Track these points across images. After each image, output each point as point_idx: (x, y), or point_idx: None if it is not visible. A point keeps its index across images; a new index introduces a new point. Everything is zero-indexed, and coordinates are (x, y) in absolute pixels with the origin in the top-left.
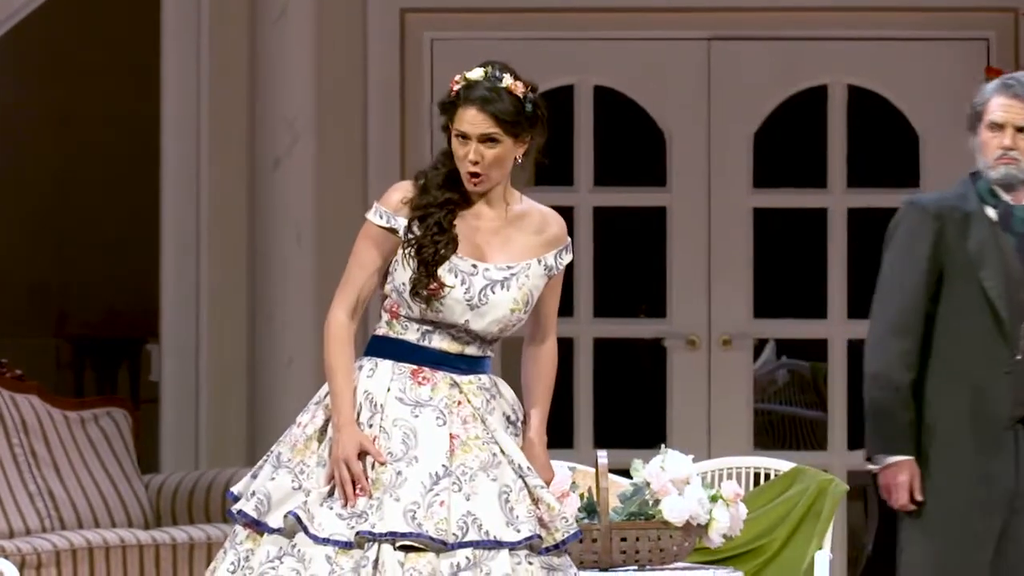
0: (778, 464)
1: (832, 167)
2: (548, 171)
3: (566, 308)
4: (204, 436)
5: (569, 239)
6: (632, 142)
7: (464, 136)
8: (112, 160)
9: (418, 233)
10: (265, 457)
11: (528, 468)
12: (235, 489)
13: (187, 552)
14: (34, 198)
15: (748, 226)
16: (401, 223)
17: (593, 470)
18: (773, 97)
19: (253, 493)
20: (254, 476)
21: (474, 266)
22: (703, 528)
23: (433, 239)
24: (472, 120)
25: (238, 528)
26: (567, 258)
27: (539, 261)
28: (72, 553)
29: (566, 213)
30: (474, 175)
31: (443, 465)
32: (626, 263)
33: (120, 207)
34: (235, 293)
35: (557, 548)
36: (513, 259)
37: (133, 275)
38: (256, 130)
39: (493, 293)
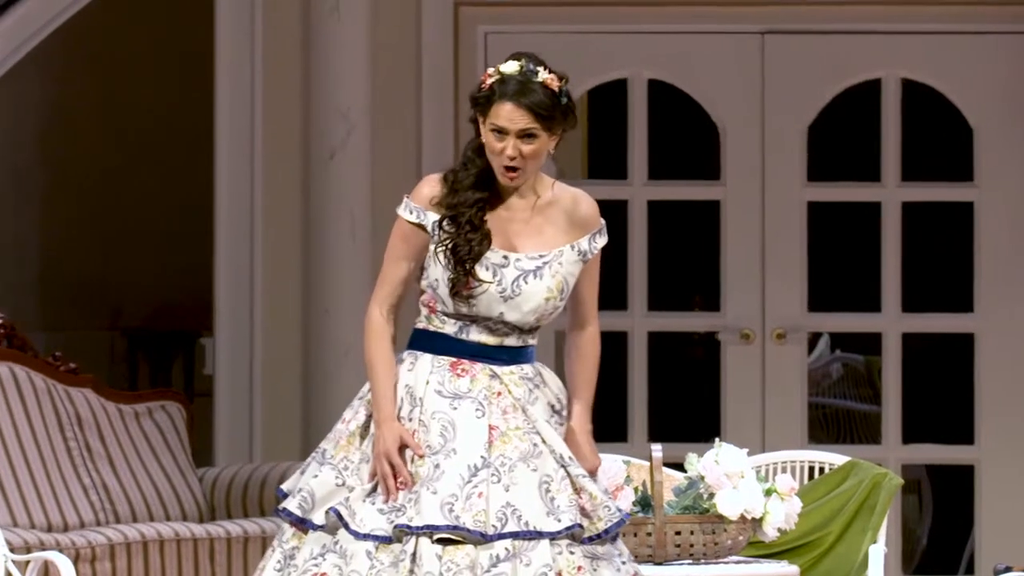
0: (832, 458)
1: (886, 161)
2: (602, 165)
3: (620, 301)
4: (258, 429)
5: (603, 221)
6: (686, 136)
7: (501, 131)
8: (166, 153)
9: (451, 231)
10: (313, 454)
11: (570, 457)
12: (284, 486)
13: (241, 546)
14: (88, 191)
15: (802, 220)
16: (431, 218)
17: (647, 464)
18: (827, 91)
19: (299, 491)
20: (302, 473)
21: (505, 257)
22: (757, 522)
23: (467, 237)
24: (510, 116)
25: (285, 526)
26: (601, 241)
27: (572, 247)
28: (126, 547)
29: (620, 207)
30: (510, 169)
31: (481, 457)
32: (680, 257)
33: (174, 200)
34: (289, 286)
35: (601, 537)
36: (545, 247)
37: (187, 268)
38: (310, 122)
39: (526, 283)
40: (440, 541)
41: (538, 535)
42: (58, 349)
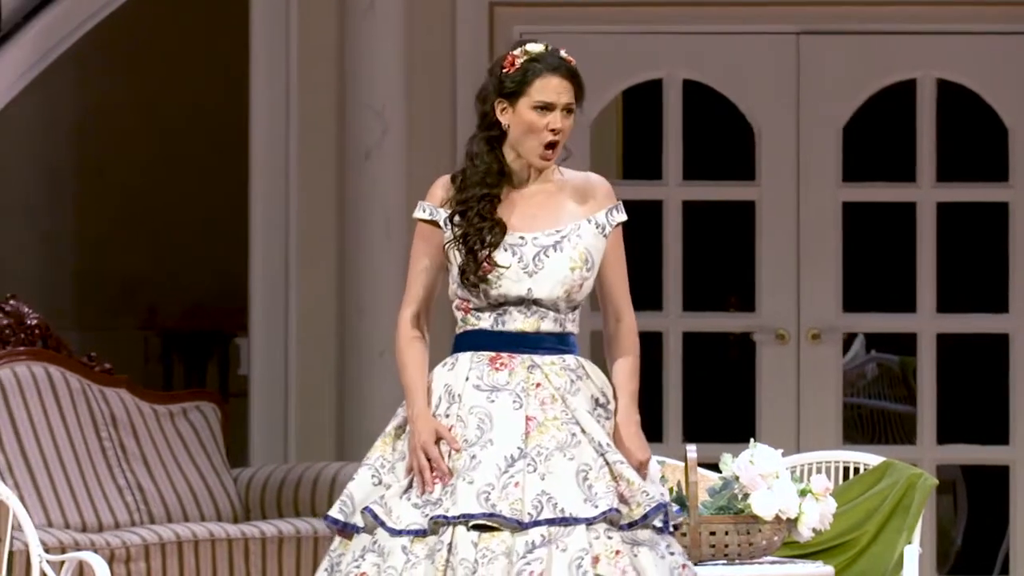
0: (867, 458)
1: (921, 161)
2: (637, 165)
3: (655, 302)
4: (293, 430)
5: (619, 201)
6: (721, 136)
7: (546, 107)
8: (201, 153)
9: (462, 223)
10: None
11: (608, 445)
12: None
13: (276, 546)
14: (123, 192)
15: (837, 220)
16: (442, 215)
17: (682, 464)
18: (862, 91)
19: (339, 499)
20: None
21: (521, 238)
22: (792, 522)
23: (477, 228)
24: (558, 88)
25: (336, 537)
26: (619, 216)
27: (589, 220)
28: (161, 547)
29: (655, 207)
30: (550, 146)
31: (518, 447)
32: (715, 257)
33: (210, 200)
34: (324, 286)
35: (640, 523)
36: (561, 224)
37: (222, 268)
38: (345, 122)
39: (547, 256)
40: (476, 528)
41: (574, 521)
42: (93, 349)
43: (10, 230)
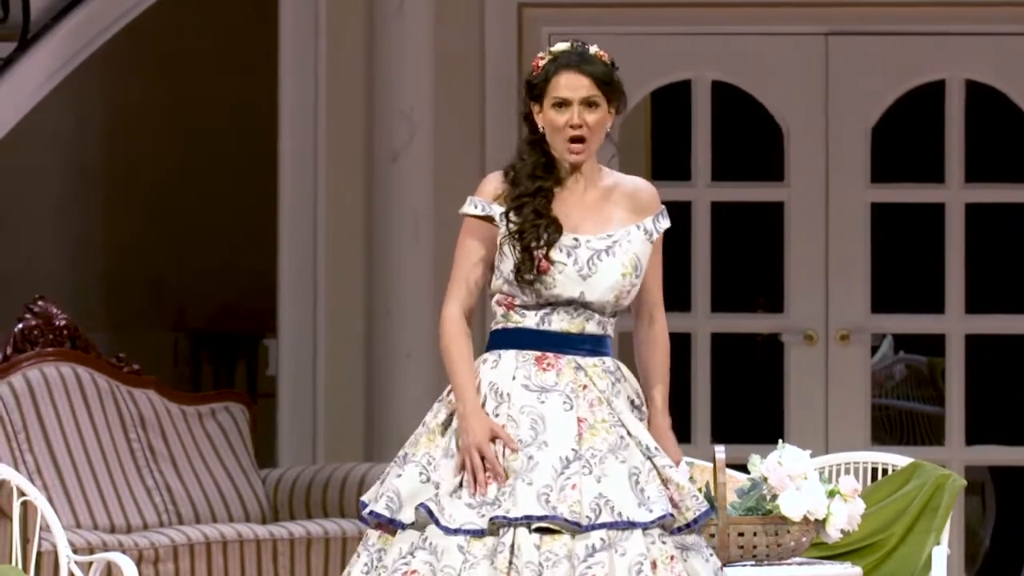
0: (895, 459)
1: (950, 162)
2: (666, 166)
3: (683, 303)
4: (322, 431)
5: (663, 206)
6: (750, 137)
7: (562, 103)
8: (230, 153)
9: (518, 220)
10: (394, 460)
11: (656, 448)
12: (365, 497)
13: (304, 547)
14: (151, 193)
15: (866, 221)
16: (497, 210)
17: (711, 465)
18: (891, 92)
19: (382, 494)
20: (382, 482)
21: (575, 239)
22: (820, 523)
23: (534, 224)
24: (570, 83)
25: (370, 531)
26: (664, 223)
27: (638, 227)
28: (189, 548)
29: (683, 208)
30: (576, 140)
31: (572, 449)
32: (743, 258)
33: (238, 201)
34: (353, 287)
35: (689, 527)
36: (612, 228)
37: (251, 269)
38: (374, 123)
39: (600, 261)
40: (537, 531)
41: (631, 525)
42: (121, 350)
43: (39, 232)
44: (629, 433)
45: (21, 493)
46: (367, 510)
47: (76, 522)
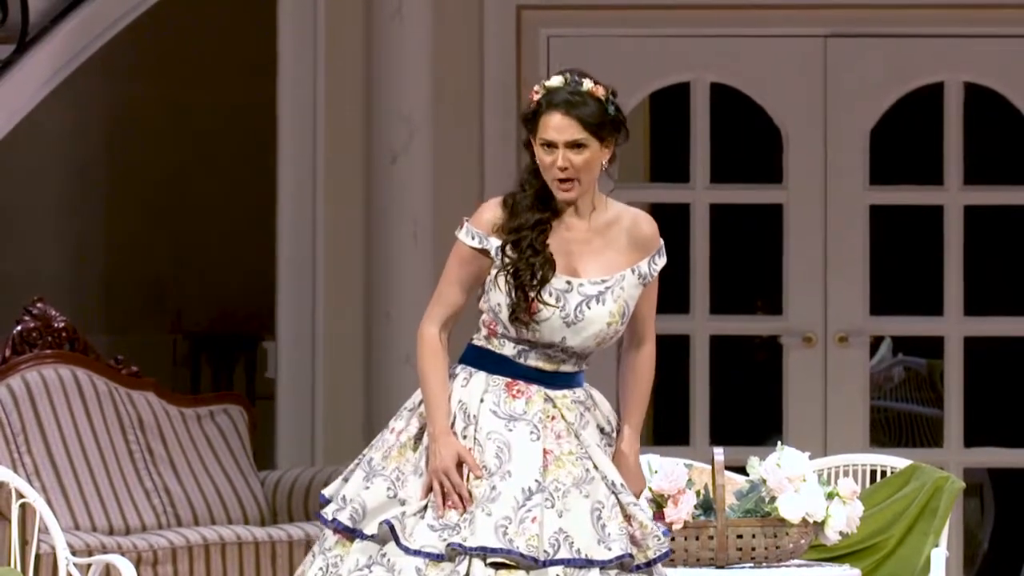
0: (894, 461)
1: (948, 164)
2: (664, 168)
3: (682, 305)
4: (320, 433)
5: (662, 241)
6: (748, 139)
7: (550, 144)
8: (229, 156)
9: (513, 256)
10: (357, 461)
11: (621, 485)
12: (327, 492)
13: (302, 549)
14: (151, 195)
15: (864, 223)
16: (494, 244)
17: (709, 467)
18: (890, 94)
19: (348, 501)
20: (345, 480)
21: (568, 283)
22: (819, 525)
23: (529, 262)
24: (557, 126)
25: (327, 532)
26: (661, 262)
27: (633, 271)
28: (188, 550)
29: (682, 210)
30: (564, 181)
31: (536, 480)
32: (742, 260)
33: (237, 204)
34: (351, 290)
35: (649, 566)
36: (607, 271)
37: (250, 272)
38: (372, 126)
39: (589, 308)
40: (493, 565)
41: (589, 563)
42: (120, 352)
43: (39, 232)
44: (595, 466)
45: (20, 495)
46: (331, 517)
47: (75, 524)
